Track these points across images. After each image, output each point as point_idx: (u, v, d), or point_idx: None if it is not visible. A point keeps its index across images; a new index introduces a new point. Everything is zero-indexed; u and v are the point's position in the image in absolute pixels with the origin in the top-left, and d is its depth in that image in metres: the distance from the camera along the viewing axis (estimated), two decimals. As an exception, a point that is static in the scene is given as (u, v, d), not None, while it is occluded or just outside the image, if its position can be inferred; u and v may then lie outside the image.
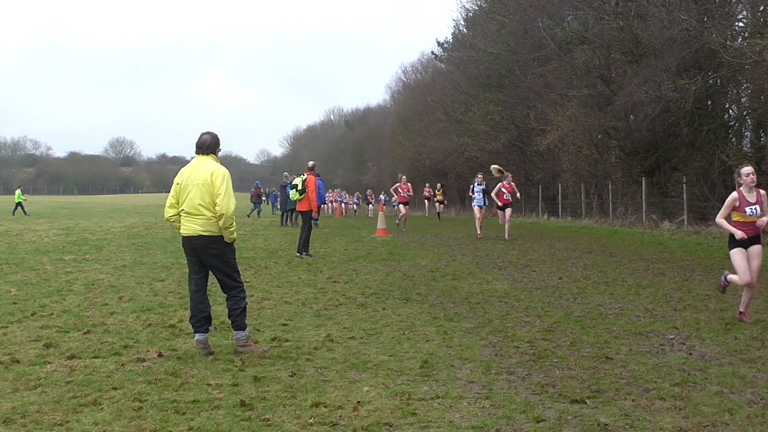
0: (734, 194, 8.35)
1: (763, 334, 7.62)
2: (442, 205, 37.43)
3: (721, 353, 6.80)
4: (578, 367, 6.30)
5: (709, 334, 7.67)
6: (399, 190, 26.85)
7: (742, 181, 8.36)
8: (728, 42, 20.55)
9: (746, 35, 21.47)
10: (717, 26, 21.68)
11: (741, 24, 23.45)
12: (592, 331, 7.84)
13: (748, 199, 8.24)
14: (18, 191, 44.79)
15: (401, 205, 27.36)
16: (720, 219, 8.53)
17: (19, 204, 42.96)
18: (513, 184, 22.32)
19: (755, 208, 8.18)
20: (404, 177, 27.46)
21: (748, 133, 25.32)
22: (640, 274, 12.93)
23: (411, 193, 27.86)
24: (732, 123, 25.65)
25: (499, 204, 21.03)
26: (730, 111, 25.94)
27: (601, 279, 12.19)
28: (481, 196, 21.49)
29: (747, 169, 8.38)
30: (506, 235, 20.96)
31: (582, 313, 8.93)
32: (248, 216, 38.30)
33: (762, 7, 22.16)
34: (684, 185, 24.39)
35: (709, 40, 20.98)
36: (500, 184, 21.00)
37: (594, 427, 4.73)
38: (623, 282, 11.80)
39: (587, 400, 5.31)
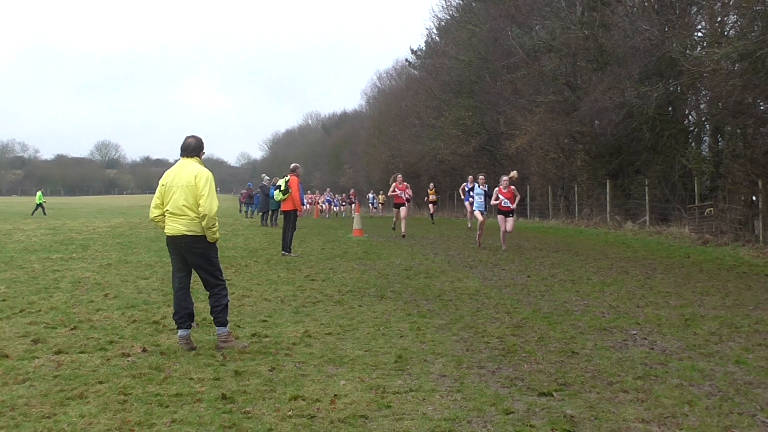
0: None
1: (721, 330, 7.73)
2: (434, 206, 33.25)
3: (681, 348, 6.89)
4: (545, 361, 6.36)
5: (670, 329, 7.77)
6: (396, 190, 22.21)
7: None
8: (688, 51, 20.76)
9: (705, 45, 21.73)
10: (677, 36, 21.92)
11: (700, 34, 23.72)
12: (559, 327, 7.91)
13: None
14: (39, 193, 44.83)
15: (395, 209, 22.88)
16: None
17: (39, 205, 42.78)
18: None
19: None
20: (400, 176, 22.85)
21: (706, 138, 25.63)
22: (605, 272, 13.05)
23: (410, 194, 22.98)
24: (691, 128, 25.96)
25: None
26: (690, 117, 26.24)
27: (567, 277, 12.29)
28: (482, 200, 18.50)
29: None
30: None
31: (549, 310, 9.00)
32: (247, 217, 38.69)
33: (719, 18, 22.46)
34: (646, 187, 24.63)
35: (670, 49, 21.21)
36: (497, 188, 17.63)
37: (560, 419, 4.78)
38: (588, 280, 11.91)
39: (554, 393, 5.36)
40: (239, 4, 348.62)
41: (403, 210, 22.14)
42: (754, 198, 18.65)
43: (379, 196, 46.48)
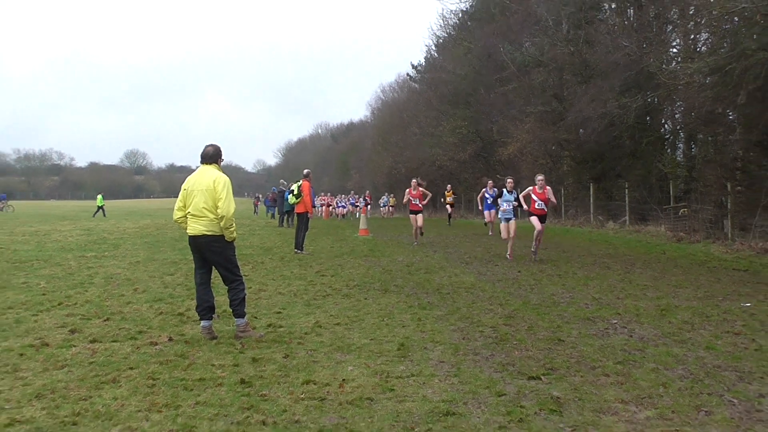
0: None
1: (693, 319, 7.75)
2: (452, 208, 30.10)
3: (657, 335, 6.91)
4: (534, 348, 6.39)
5: (647, 319, 7.79)
6: (410, 197, 18.69)
7: None
8: (664, 65, 20.78)
9: (679, 60, 21.71)
10: (654, 52, 21.94)
11: (675, 50, 23.71)
12: (547, 317, 7.93)
13: None
14: (99, 196, 45.25)
15: (412, 215, 18.91)
16: None
17: (100, 207, 43.04)
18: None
19: None
20: (415, 181, 19.27)
21: (681, 145, 25.61)
22: (588, 267, 13.06)
23: (425, 202, 19.19)
24: (667, 136, 25.92)
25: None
26: (666, 125, 26.20)
27: (554, 272, 12.30)
28: (511, 207, 14.84)
29: None
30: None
31: (538, 302, 9.02)
32: (272, 218, 36.84)
33: (692, 36, 22.46)
34: (626, 190, 24.58)
35: (648, 64, 21.21)
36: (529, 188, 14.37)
37: (548, 400, 4.80)
38: (573, 274, 11.92)
39: (542, 377, 5.38)
40: (255, 23, 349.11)
41: (420, 218, 18.86)
42: (723, 199, 18.61)
43: (391, 198, 46.00)
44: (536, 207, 13.95)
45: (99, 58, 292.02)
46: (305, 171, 17.31)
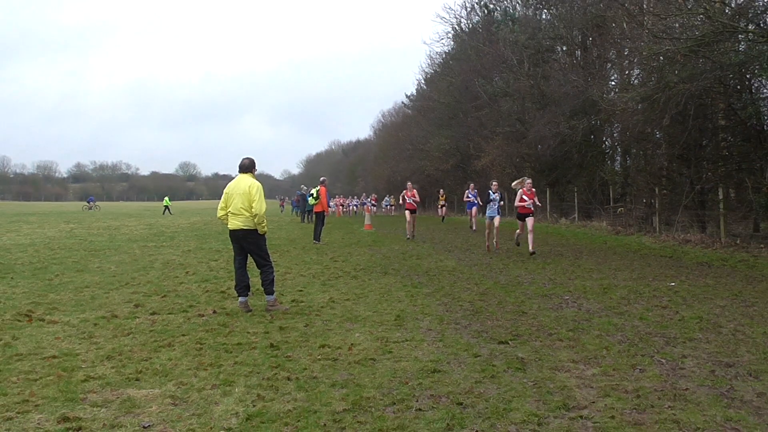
0: None
1: (629, 296, 7.74)
2: (444, 208, 29.85)
3: (600, 309, 6.90)
4: (503, 319, 6.37)
5: (593, 295, 7.78)
6: (405, 197, 18.00)
7: None
8: (604, 95, 20.69)
9: (616, 90, 21.65)
10: (597, 84, 21.84)
11: (613, 83, 23.62)
12: (513, 294, 7.92)
13: None
14: (166, 198, 45.59)
15: (407, 212, 17.78)
16: None
17: (167, 207, 43.28)
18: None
19: None
20: (410, 183, 18.50)
21: (618, 158, 25.53)
22: (545, 255, 13.04)
23: (417, 200, 18.05)
24: (607, 150, 25.88)
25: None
26: (606, 142, 26.16)
27: (518, 258, 12.28)
28: (497, 206, 13.65)
29: None
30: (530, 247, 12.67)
31: (506, 282, 9.01)
32: (298, 215, 33.81)
33: (627, 72, 22.43)
34: (575, 193, 24.58)
35: (592, 94, 21.14)
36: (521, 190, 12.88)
37: (514, 360, 4.78)
38: (534, 260, 11.90)
39: (509, 342, 5.37)
40: (283, 63, 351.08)
41: (413, 216, 17.70)
42: (652, 201, 18.61)
43: (392, 199, 45.93)
44: (526, 206, 12.57)
45: (159, 87, 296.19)
46: (322, 178, 17.33)
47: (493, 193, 13.68)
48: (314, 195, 16.59)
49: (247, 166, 7.01)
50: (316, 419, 3.56)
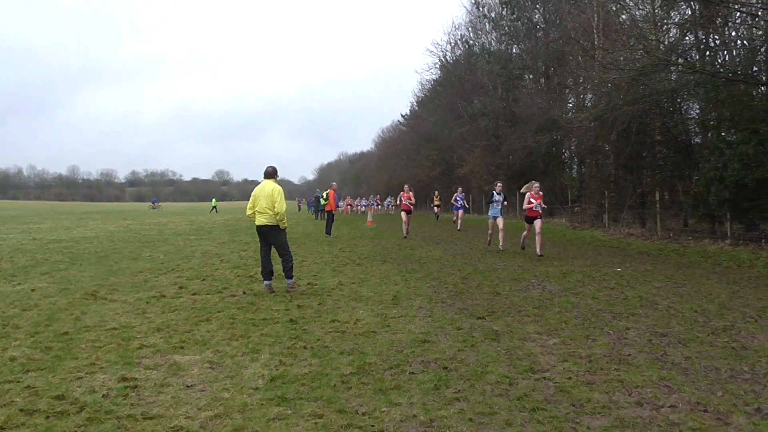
0: None
1: (584, 279, 7.72)
2: (439, 208, 27.45)
3: (561, 290, 6.88)
4: (481, 298, 6.36)
5: (554, 279, 7.77)
6: (401, 198, 16.16)
7: None
8: (564, 115, 20.67)
9: (574, 111, 21.64)
10: (557, 106, 21.82)
11: (570, 105, 23.64)
12: (489, 278, 7.91)
13: None
14: (214, 200, 45.73)
15: (403, 213, 15.83)
16: None
17: (214, 207, 43.36)
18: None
19: None
20: (407, 185, 16.67)
21: (575, 167, 25.54)
22: (515, 246, 13.01)
23: (413, 201, 16.26)
24: (566, 161, 25.86)
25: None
26: (565, 154, 26.14)
27: (494, 249, 12.27)
28: (500, 207, 11.82)
29: None
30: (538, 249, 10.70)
31: (483, 268, 8.99)
32: (315, 217, 30.36)
33: (582, 96, 22.41)
34: (539, 196, 24.57)
35: (553, 114, 21.12)
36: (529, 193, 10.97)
37: (490, 332, 4.77)
38: (506, 251, 11.89)
39: (486, 317, 5.35)
40: (299, 87, 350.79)
41: (406, 216, 15.64)
42: (602, 201, 18.60)
43: (393, 200, 45.35)
44: (534, 209, 10.72)
45: (199, 108, 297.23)
46: (332, 183, 17.29)
47: (497, 194, 11.81)
48: (324, 197, 16.66)
49: (271, 173, 6.98)
50: (328, 380, 3.56)
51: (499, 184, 12.24)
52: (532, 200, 10.77)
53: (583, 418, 2.96)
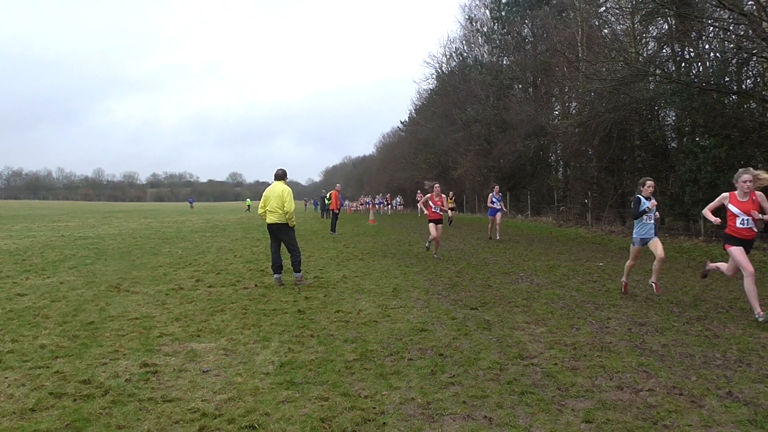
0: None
1: (569, 273, 7.72)
2: (453, 212, 20.10)
3: (547, 283, 6.88)
4: (474, 290, 6.36)
5: (542, 272, 7.77)
6: (430, 203, 9.58)
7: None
8: (550, 121, 20.63)
9: (559, 118, 21.60)
10: (544, 113, 21.77)
11: (557, 112, 23.57)
12: (481, 272, 7.90)
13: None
14: (248, 200, 45.92)
15: (431, 224, 9.62)
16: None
17: (249, 206, 43.65)
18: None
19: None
20: (437, 185, 9.68)
21: (561, 169, 25.50)
22: (506, 242, 13.01)
23: (446, 209, 9.69)
24: (552, 164, 25.84)
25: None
26: (552, 157, 26.11)
27: (485, 245, 12.26)
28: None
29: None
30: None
31: (476, 263, 8.99)
32: (321, 216, 29.65)
33: (567, 104, 22.35)
34: (528, 196, 24.53)
35: (541, 120, 21.08)
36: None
37: (482, 322, 4.77)
38: (497, 246, 11.88)
39: (479, 308, 5.35)
40: (306, 95, 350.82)
41: (440, 228, 9.66)
42: (586, 201, 18.59)
43: (401, 200, 42.18)
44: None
45: (215, 115, 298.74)
46: (336, 185, 17.31)
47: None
48: (328, 197, 16.71)
49: (281, 175, 6.98)
50: (333, 366, 3.56)
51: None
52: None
53: (568, 401, 2.96)
